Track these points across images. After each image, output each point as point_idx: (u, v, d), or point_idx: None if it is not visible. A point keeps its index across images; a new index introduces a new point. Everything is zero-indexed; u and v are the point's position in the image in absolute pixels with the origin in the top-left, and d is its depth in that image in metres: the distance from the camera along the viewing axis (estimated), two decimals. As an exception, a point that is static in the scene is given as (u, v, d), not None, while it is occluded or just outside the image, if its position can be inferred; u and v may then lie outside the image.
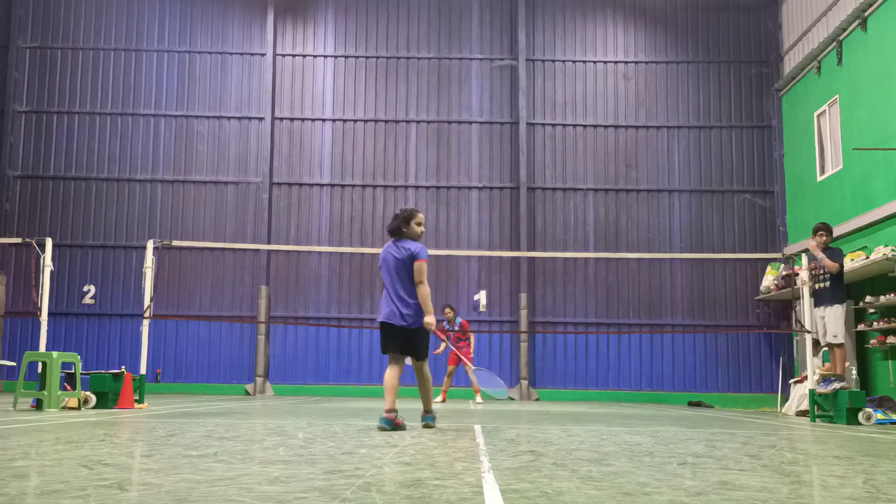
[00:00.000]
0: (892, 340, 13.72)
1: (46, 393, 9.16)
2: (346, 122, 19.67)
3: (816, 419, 10.08)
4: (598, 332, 18.55)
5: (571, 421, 8.61)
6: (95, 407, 9.64)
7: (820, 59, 16.81)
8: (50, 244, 10.46)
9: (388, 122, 19.65)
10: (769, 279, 17.79)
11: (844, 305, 10.13)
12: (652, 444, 5.55)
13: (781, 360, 18.10)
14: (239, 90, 19.77)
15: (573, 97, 19.72)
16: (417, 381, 7.05)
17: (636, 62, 19.78)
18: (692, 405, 16.45)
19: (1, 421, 7.05)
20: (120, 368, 10.34)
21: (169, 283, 18.57)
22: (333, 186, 19.41)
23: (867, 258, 13.58)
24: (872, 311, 14.41)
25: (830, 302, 9.88)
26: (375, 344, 17.35)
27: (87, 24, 19.95)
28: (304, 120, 19.68)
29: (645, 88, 19.71)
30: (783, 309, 18.44)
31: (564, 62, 19.85)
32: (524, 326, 18.33)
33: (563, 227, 19.24)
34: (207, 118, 19.63)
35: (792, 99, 18.54)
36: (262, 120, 19.53)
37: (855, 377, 13.69)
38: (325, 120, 19.67)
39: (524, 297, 18.65)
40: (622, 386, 18.57)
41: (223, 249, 19.04)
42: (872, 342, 14.33)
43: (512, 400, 17.74)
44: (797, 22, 18.44)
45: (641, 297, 18.93)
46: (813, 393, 10.14)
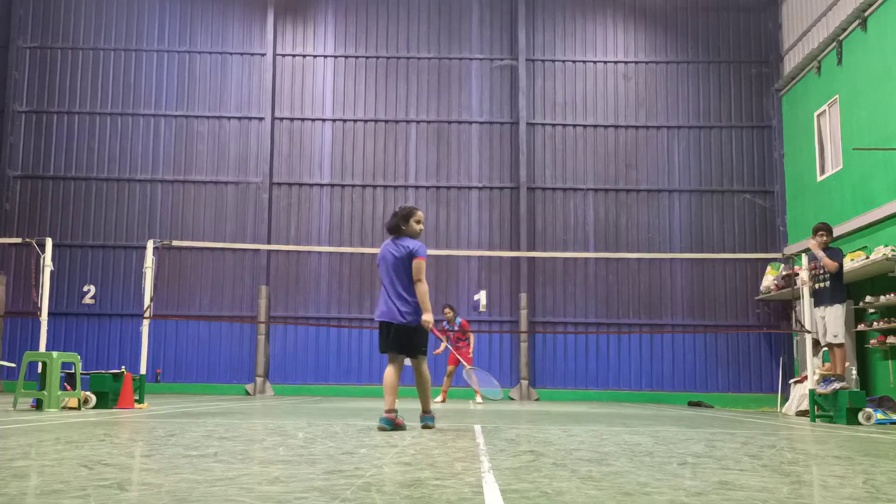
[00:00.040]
0: (892, 340, 13.72)
1: (46, 393, 9.16)
2: (346, 122, 19.67)
3: (816, 419, 10.08)
4: (598, 332, 18.56)
5: (571, 421, 8.61)
6: (95, 407, 9.64)
7: (820, 59, 16.81)
8: (50, 244, 10.46)
9: (388, 122, 19.65)
10: (769, 279, 17.79)
11: (844, 305, 10.13)
12: (652, 444, 5.55)
13: (781, 360, 18.11)
14: (239, 90, 19.78)
15: (573, 97, 19.73)
16: (416, 380, 6.96)
17: (636, 62, 19.78)
18: (692, 405, 16.45)
19: (1, 421, 7.05)
20: (120, 368, 10.34)
21: (169, 283, 18.57)
22: (333, 186, 19.41)
23: (867, 258, 13.58)
24: (872, 311, 14.41)
25: (830, 302, 9.88)
26: (375, 344, 17.25)
27: (87, 24, 19.96)
28: (304, 120, 19.69)
29: (645, 88, 19.71)
30: (783, 309, 18.44)
31: (564, 62, 19.85)
32: (524, 326, 18.33)
33: (563, 227, 19.24)
34: (207, 118, 19.63)
35: (792, 99, 18.54)
36: (262, 120, 19.53)
37: (855, 377, 13.69)
38: (325, 120, 19.68)
39: (524, 297, 18.66)
40: (622, 386, 18.58)
41: (223, 249, 19.05)
42: (872, 342, 14.33)
43: (512, 400, 17.74)
44: (797, 22, 18.44)
45: (641, 297, 18.93)
46: (813, 393, 10.14)
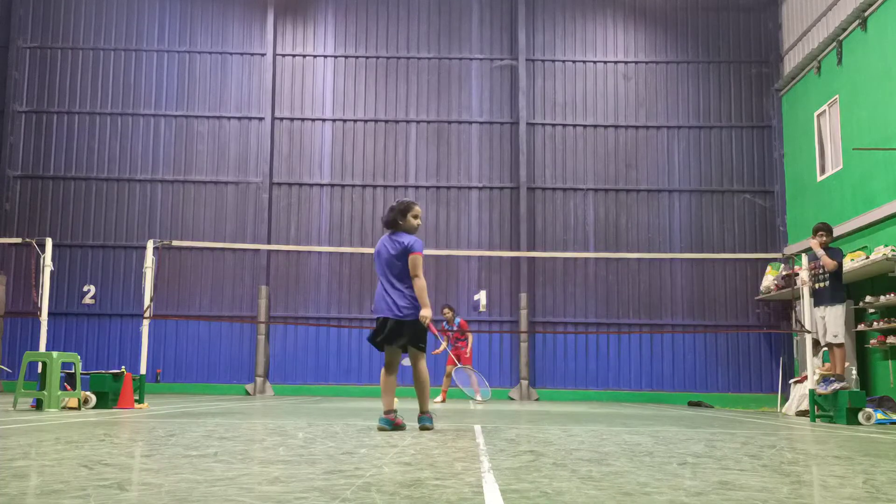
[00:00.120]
0: (892, 340, 13.72)
1: (46, 393, 9.16)
2: (346, 122, 19.67)
3: (816, 419, 10.08)
4: (598, 332, 18.55)
5: (571, 421, 8.61)
6: (95, 407, 9.64)
7: (820, 59, 16.81)
8: (50, 244, 10.46)
9: (388, 122, 19.65)
10: (769, 279, 17.79)
11: (844, 305, 10.12)
12: (652, 444, 5.55)
13: (781, 360, 18.11)
14: (239, 90, 19.78)
15: (573, 97, 19.73)
16: (414, 380, 6.88)
17: (636, 62, 19.78)
18: (692, 405, 16.45)
19: (1, 421, 7.05)
20: (120, 368, 10.34)
21: (169, 283, 18.57)
22: (333, 186, 19.41)
23: (867, 258, 13.58)
24: (872, 311, 14.41)
25: (830, 302, 9.88)
26: (375, 344, 17.32)
27: (87, 24, 19.95)
28: (304, 120, 19.69)
29: (645, 88, 19.71)
30: (783, 309, 18.44)
31: (564, 62, 19.85)
32: (524, 326, 18.33)
33: (563, 227, 19.24)
34: (207, 118, 19.63)
35: (792, 99, 18.54)
36: (262, 120, 19.53)
37: (855, 377, 13.68)
38: (325, 120, 19.67)
39: (524, 297, 18.66)
40: (622, 386, 18.58)
41: (223, 249, 19.05)
42: (872, 342, 14.33)
43: (512, 399, 17.74)
44: (797, 22, 18.44)
45: (641, 297, 18.93)
46: (813, 393, 10.13)
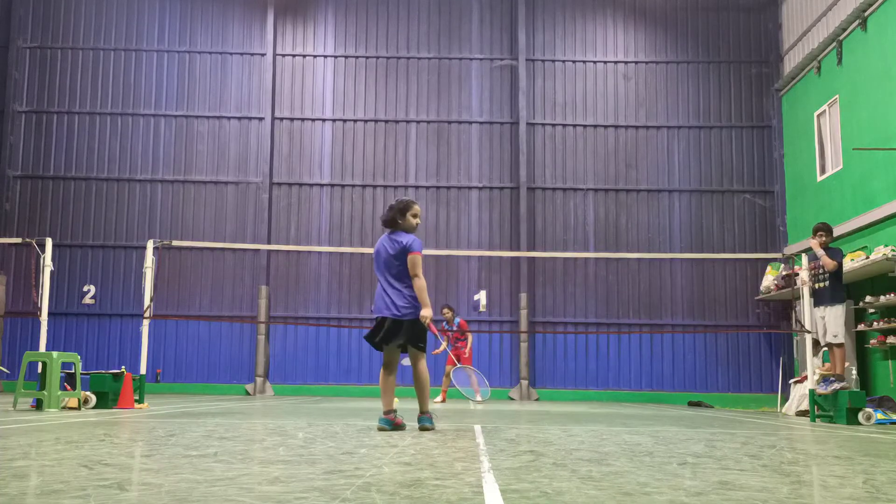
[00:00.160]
0: (892, 340, 13.72)
1: (46, 393, 9.16)
2: (346, 122, 19.67)
3: (816, 419, 10.08)
4: (598, 332, 18.55)
5: (571, 421, 8.61)
6: (95, 407, 9.64)
7: (820, 59, 16.80)
8: (50, 244, 10.47)
9: (388, 122, 19.65)
10: (769, 279, 17.79)
11: (844, 305, 10.12)
12: (652, 444, 5.55)
13: (781, 360, 18.11)
14: (239, 90, 19.78)
15: (573, 97, 19.73)
16: (414, 380, 6.86)
17: (636, 62, 19.78)
18: (692, 405, 16.45)
19: (1, 421, 7.05)
20: (120, 368, 10.34)
21: (169, 283, 18.57)
22: (333, 186, 19.41)
23: (867, 258, 13.58)
24: (872, 311, 14.41)
25: (830, 302, 9.88)
26: (375, 344, 17.33)
27: (87, 24, 19.95)
28: (304, 120, 19.69)
29: (645, 88, 19.71)
30: (783, 309, 18.44)
31: (564, 62, 19.85)
32: (524, 326, 18.33)
33: (563, 227, 19.24)
34: (207, 118, 19.63)
35: (792, 99, 18.54)
36: (262, 120, 19.53)
37: (855, 377, 13.68)
38: (325, 120, 19.67)
39: (524, 297, 18.66)
40: (622, 386, 18.58)
41: (223, 249, 19.05)
42: (872, 342, 14.33)
43: (511, 399, 17.74)
44: (797, 22, 18.44)
45: (641, 297, 18.93)
46: (813, 393, 10.13)
